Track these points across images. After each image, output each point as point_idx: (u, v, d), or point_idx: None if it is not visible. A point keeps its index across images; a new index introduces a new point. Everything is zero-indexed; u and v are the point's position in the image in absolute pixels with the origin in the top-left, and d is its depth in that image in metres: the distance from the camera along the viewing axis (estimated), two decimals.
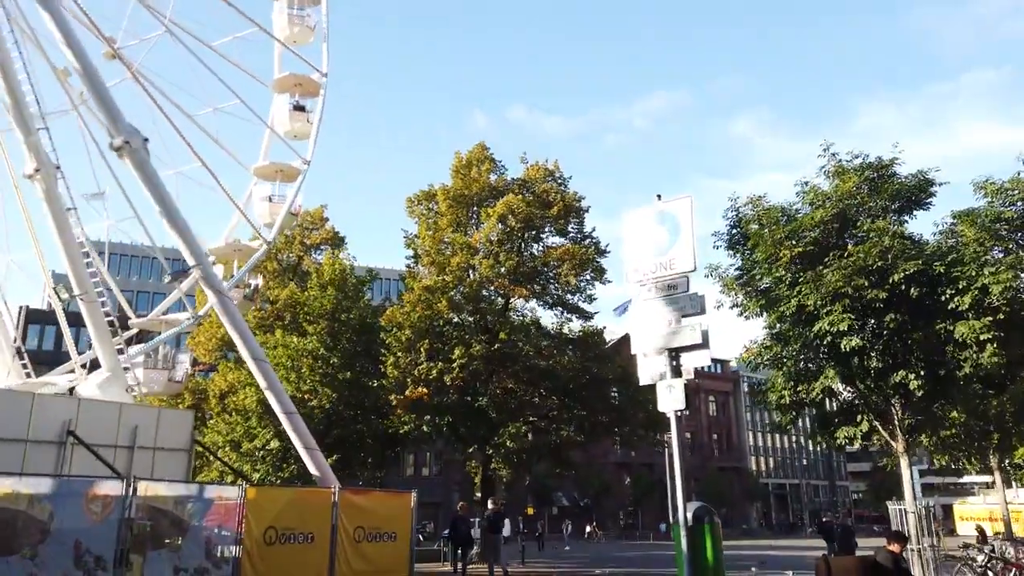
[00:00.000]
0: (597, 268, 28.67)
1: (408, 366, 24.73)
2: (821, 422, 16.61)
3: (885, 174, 14.78)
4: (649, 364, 8.55)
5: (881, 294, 13.80)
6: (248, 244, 25.36)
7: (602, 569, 25.20)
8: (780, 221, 14.95)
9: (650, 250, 8.63)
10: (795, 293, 14.34)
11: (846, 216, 14.57)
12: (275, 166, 26.37)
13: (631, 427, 27.52)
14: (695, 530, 7.81)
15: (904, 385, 13.73)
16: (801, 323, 14.40)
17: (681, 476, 8.10)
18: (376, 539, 17.71)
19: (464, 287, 25.17)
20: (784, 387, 15.65)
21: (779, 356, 15.81)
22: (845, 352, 13.74)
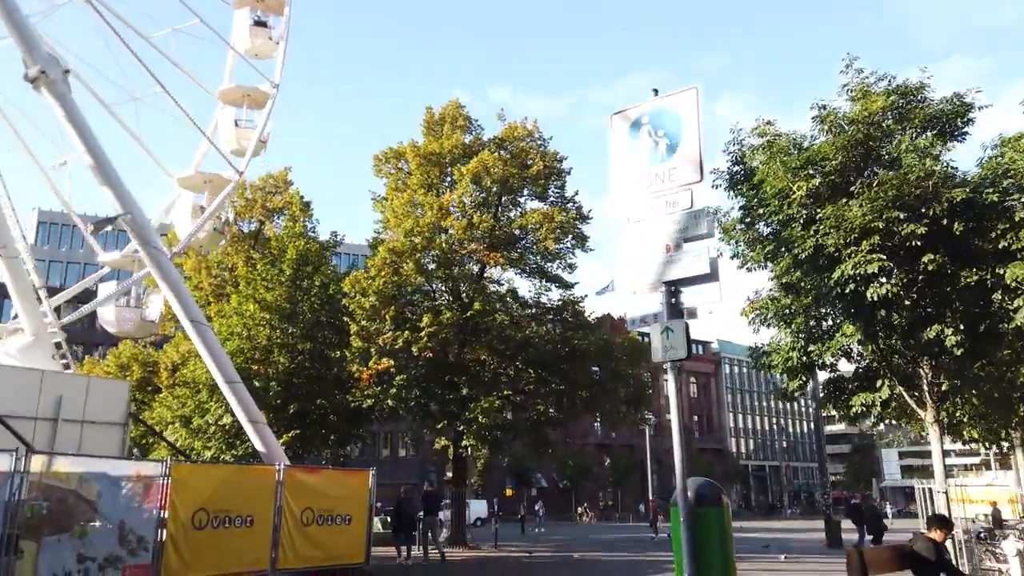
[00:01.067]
0: (579, 235, 26.76)
1: (372, 335, 22.72)
2: (834, 388, 14.63)
3: (914, 99, 12.76)
4: (639, 304, 6.69)
5: (919, 229, 11.52)
6: (219, 174, 23.39)
7: (580, 553, 23.58)
8: (794, 150, 12.86)
9: (643, 159, 6.72)
10: (811, 233, 12.21)
11: (870, 144, 12.50)
12: (241, 89, 24.24)
13: (612, 403, 25.76)
14: (699, 514, 6.00)
15: (938, 342, 11.71)
16: (818, 269, 12.39)
17: (681, 446, 6.30)
18: (328, 522, 15.83)
19: (434, 250, 23.10)
20: (793, 347, 13.64)
21: (788, 310, 13.77)
22: (871, 303, 11.65)
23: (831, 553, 24.67)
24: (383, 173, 26.71)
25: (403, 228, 23.24)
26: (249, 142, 23.47)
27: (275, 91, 24.39)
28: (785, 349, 13.85)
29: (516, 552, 24.24)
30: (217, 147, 23.50)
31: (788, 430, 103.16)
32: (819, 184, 11.99)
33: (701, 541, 5.91)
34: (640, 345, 25.46)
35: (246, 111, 24.87)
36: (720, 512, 6.11)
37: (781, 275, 13.32)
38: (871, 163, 12.37)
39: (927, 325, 11.80)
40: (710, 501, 6.21)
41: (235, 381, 16.89)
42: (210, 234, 24.16)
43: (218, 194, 22.79)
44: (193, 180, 23.99)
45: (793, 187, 11.90)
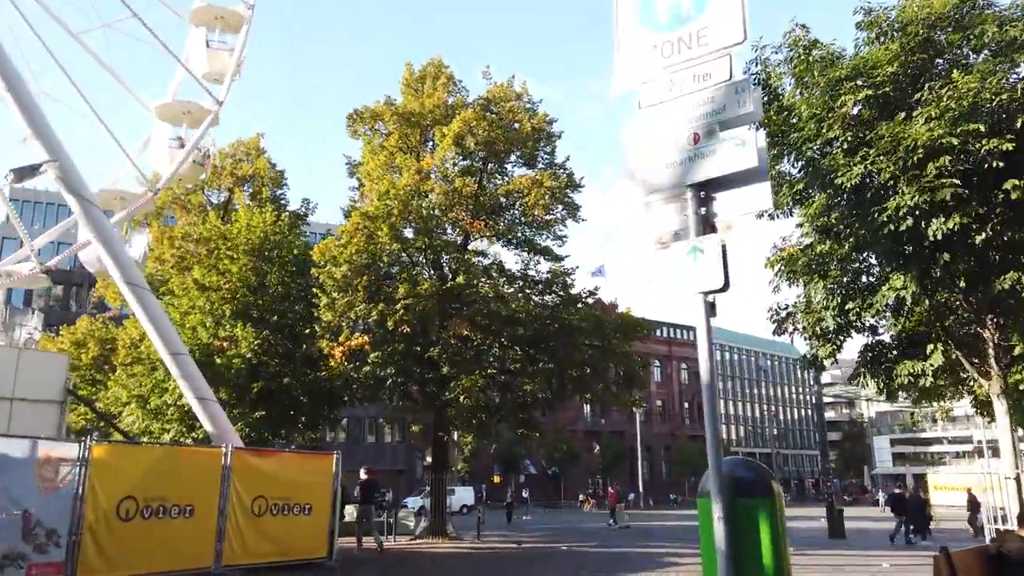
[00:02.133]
0: (570, 204, 24.85)
1: (344, 308, 20.79)
2: (873, 357, 12.28)
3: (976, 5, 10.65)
4: (654, 216, 4.83)
5: (1004, 145, 9.19)
6: (198, 103, 21.43)
7: (569, 544, 21.87)
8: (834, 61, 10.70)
9: (663, 18, 4.86)
10: (858, 160, 9.91)
11: (930, 53, 10.41)
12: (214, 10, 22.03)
13: (604, 384, 23.97)
14: (740, 509, 4.17)
15: (1013, 294, 9.54)
16: (863, 205, 10.22)
17: (711, 415, 4.49)
18: (284, 512, 14.01)
19: (411, 214, 21.10)
20: (826, 305, 11.35)
21: (823, 259, 11.33)
22: (930, 244, 9.55)
23: (838, 545, 23.11)
24: (358, 135, 24.65)
25: (377, 191, 21.24)
26: (224, 65, 21.27)
27: (251, 12, 22.27)
28: (817, 308, 11.68)
29: (500, 543, 22.53)
30: (193, 73, 21.37)
31: (780, 417, 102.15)
32: (870, 97, 9.91)
33: (744, 546, 4.09)
34: (633, 322, 23.69)
35: (219, 33, 22.80)
36: (771, 505, 4.27)
37: (814, 217, 11.08)
38: (931, 76, 10.27)
39: (1001, 273, 9.70)
40: (757, 490, 4.37)
41: (180, 353, 14.98)
42: (191, 166, 22.21)
43: (198, 125, 21.00)
44: (171, 109, 22.00)
45: (836, 105, 9.82)
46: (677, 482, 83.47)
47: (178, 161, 21.07)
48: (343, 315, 20.74)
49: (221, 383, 21.30)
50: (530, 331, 23.07)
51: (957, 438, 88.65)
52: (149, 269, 27.98)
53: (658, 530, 31.37)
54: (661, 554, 19.41)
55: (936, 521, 31.25)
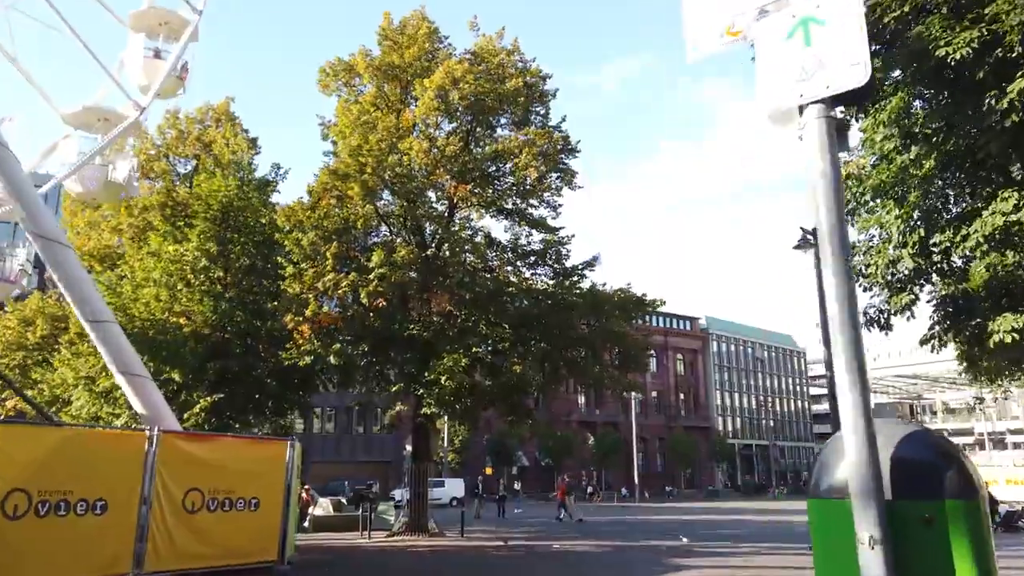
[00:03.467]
0: (565, 170, 22.64)
1: (312, 280, 18.56)
2: (957, 310, 9.67)
3: None
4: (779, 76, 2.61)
5: None
6: (178, 14, 19.49)
7: (562, 542, 19.77)
8: None
9: None
10: (965, 24, 7.17)
11: None
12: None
13: (601, 366, 21.80)
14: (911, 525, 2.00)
15: None
16: (969, 93, 7.46)
17: (850, 329, 2.32)
18: (225, 507, 11.81)
19: (387, 173, 18.79)
20: (905, 241, 8.59)
21: (902, 176, 8.45)
22: None
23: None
24: (330, 90, 22.31)
25: (348, 145, 18.96)
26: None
27: (197, 17, 20.66)
28: (888, 243, 8.90)
29: (486, 540, 20.44)
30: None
31: (776, 409, 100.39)
32: None
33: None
34: (633, 299, 21.51)
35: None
36: (973, 515, 2.13)
37: (895, 117, 8.13)
38: None
39: None
40: (947, 484, 2.20)
41: (102, 320, 12.73)
42: (169, 80, 20.17)
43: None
44: (148, 19, 20.11)
45: None
46: (672, 474, 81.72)
47: (160, 72, 19.05)
48: (311, 288, 18.49)
49: (174, 362, 19.11)
50: (520, 307, 20.93)
51: (958, 430, 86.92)
52: (106, 240, 25.71)
53: (656, 525, 29.37)
54: (664, 551, 17.38)
55: None
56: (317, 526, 23.32)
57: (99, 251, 25.16)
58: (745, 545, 20.02)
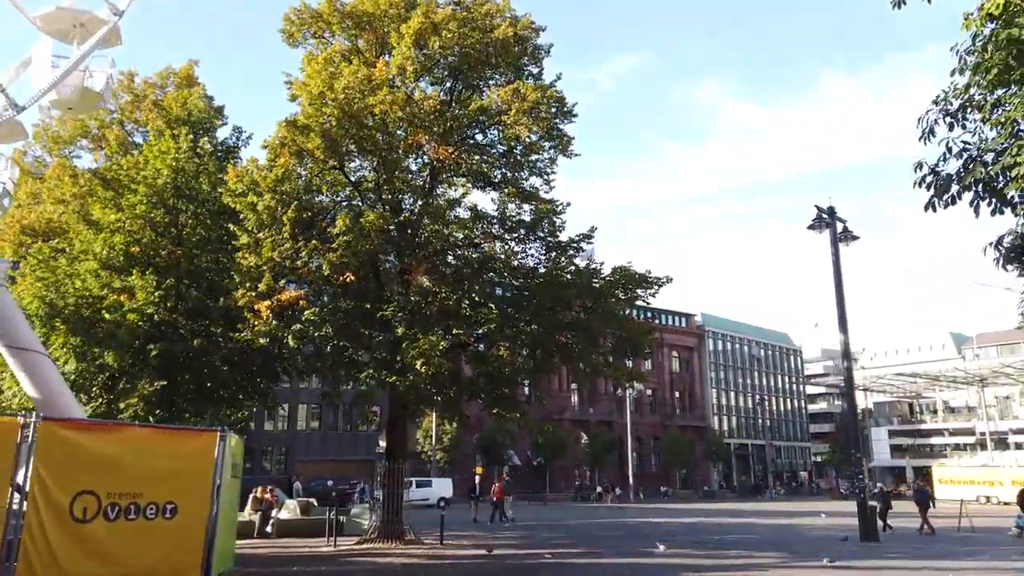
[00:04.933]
0: (560, 136, 20.24)
1: (270, 250, 16.09)
2: None
3: None
4: None
5: None
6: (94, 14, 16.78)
7: (553, 552, 17.35)
8: None
9: None
10: None
11: None
12: None
13: (598, 353, 19.42)
14: None
15: None
16: None
17: None
18: (129, 514, 9.39)
19: (354, 126, 16.29)
20: None
21: None
22: None
23: (883, 554, 18.83)
24: (297, 41, 19.82)
25: (310, 94, 16.49)
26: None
27: None
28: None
29: (468, 548, 18.03)
30: None
31: (772, 408, 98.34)
32: None
33: None
34: (635, 276, 19.13)
35: None
36: None
37: None
38: None
39: None
40: None
41: None
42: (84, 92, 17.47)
43: None
44: (59, 19, 17.36)
45: None
46: (667, 474, 79.53)
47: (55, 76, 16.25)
48: (268, 258, 16.03)
49: (110, 344, 16.64)
50: (507, 284, 18.57)
51: (958, 430, 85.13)
52: (48, 213, 23.15)
53: (656, 528, 27.05)
54: (674, 566, 15.05)
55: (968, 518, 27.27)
56: (281, 531, 20.90)
57: (41, 226, 22.64)
58: (761, 556, 17.72)
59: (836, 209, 25.39)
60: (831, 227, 25.07)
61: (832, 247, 24.69)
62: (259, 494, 21.38)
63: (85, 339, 16.90)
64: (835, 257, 24.62)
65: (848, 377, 24.00)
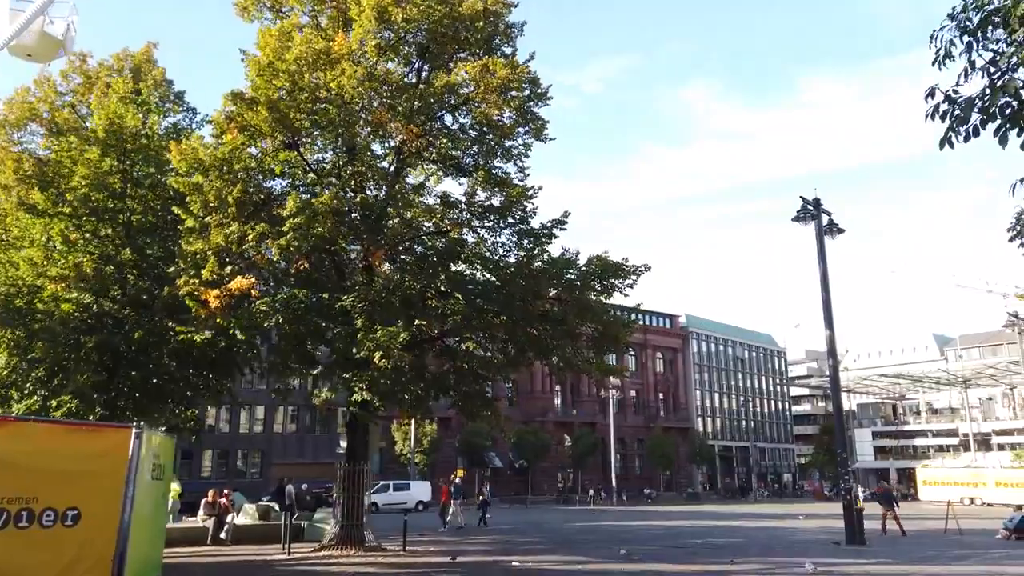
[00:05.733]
0: (534, 120, 19.18)
1: (215, 233, 14.86)
2: None
3: None
4: None
5: None
6: None
7: (521, 559, 16.22)
8: None
9: None
10: None
11: None
12: None
13: (574, 347, 18.36)
14: None
15: None
16: None
17: None
18: (19, 522, 8.17)
19: (307, 99, 15.11)
20: None
21: None
22: None
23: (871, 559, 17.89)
24: (250, 14, 18.58)
25: (258, 63, 15.29)
26: None
27: None
28: None
29: (433, 555, 16.87)
30: None
31: (756, 409, 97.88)
32: None
33: None
34: (613, 266, 18.08)
35: None
36: None
37: None
38: None
39: None
40: None
41: None
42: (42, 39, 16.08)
43: None
44: None
45: None
46: (651, 476, 78.70)
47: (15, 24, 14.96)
48: (215, 245, 14.80)
49: (43, 336, 15.35)
50: (478, 273, 17.48)
51: (941, 431, 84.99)
52: None
53: (642, 532, 26.03)
54: (652, 573, 13.99)
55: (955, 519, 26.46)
56: (237, 537, 19.66)
57: None
58: (743, 562, 16.73)
59: (821, 201, 24.60)
60: (816, 219, 24.24)
61: (817, 239, 23.84)
62: (212, 498, 20.10)
63: (18, 331, 15.60)
64: (820, 249, 23.77)
65: (834, 373, 23.11)
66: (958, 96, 4.92)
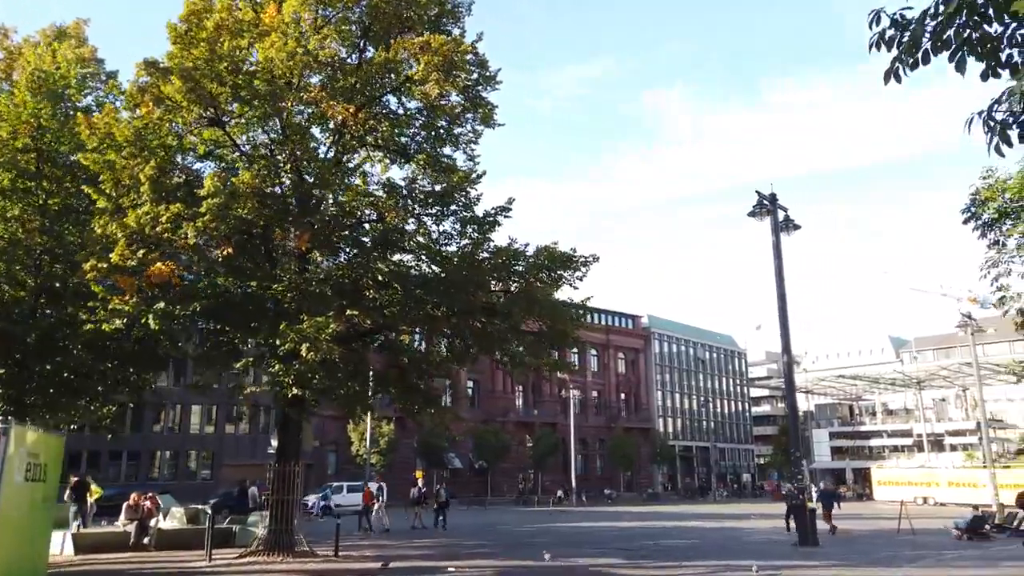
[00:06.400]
0: (483, 105, 18.31)
1: (128, 213, 13.70)
2: None
3: None
4: None
5: None
6: None
7: (458, 565, 15.31)
8: None
9: None
10: None
11: None
12: None
13: (522, 343, 17.54)
14: None
15: None
16: None
17: None
18: None
19: (224, 67, 14.00)
20: None
21: None
22: None
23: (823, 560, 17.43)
24: None
25: (175, 30, 14.13)
26: None
27: None
28: None
29: (362, 562, 15.86)
30: None
31: (716, 410, 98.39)
32: None
33: None
34: (563, 257, 17.30)
35: None
36: None
37: None
38: None
39: None
40: None
41: None
42: None
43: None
44: None
45: None
46: (612, 476, 78.42)
47: None
48: (125, 227, 13.62)
49: None
50: (423, 264, 16.57)
51: (896, 432, 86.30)
52: None
53: (597, 533, 25.34)
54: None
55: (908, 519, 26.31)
56: (163, 542, 18.41)
57: None
58: (689, 564, 16.10)
59: (777, 196, 24.20)
60: (772, 214, 23.83)
61: (773, 235, 23.41)
62: (134, 501, 18.81)
63: None
64: (776, 245, 23.35)
65: (788, 370, 22.68)
66: (906, 20, 4.21)
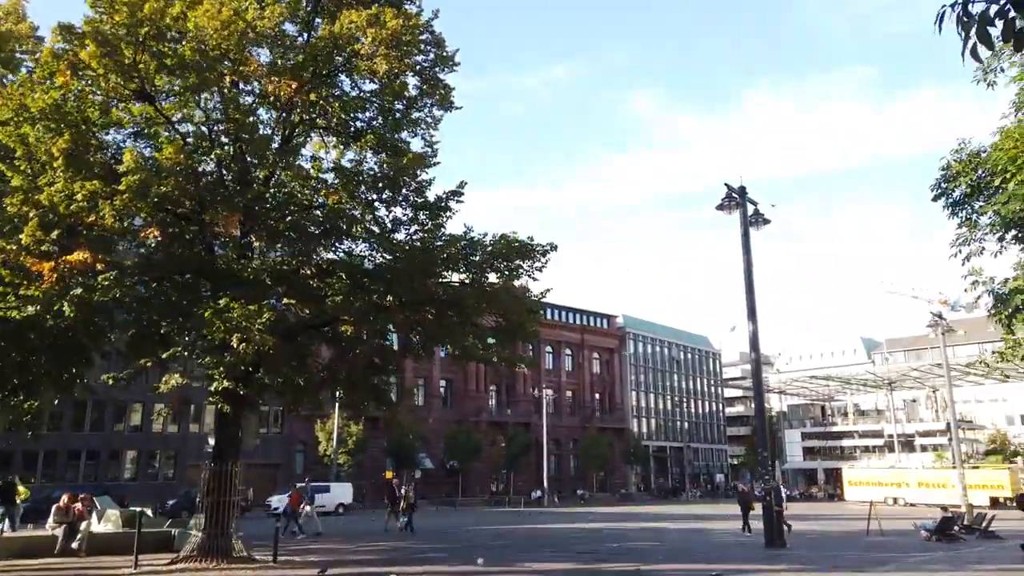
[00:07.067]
0: (441, 88, 17.41)
1: (43, 191, 12.61)
2: None
3: None
4: None
5: None
6: None
7: (402, 570, 14.37)
8: None
9: None
10: None
11: None
12: None
13: (477, 335, 16.67)
14: None
15: None
16: None
17: None
18: None
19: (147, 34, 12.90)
20: None
21: None
22: None
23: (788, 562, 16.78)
24: None
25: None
26: None
27: None
28: None
29: (301, 568, 14.85)
30: None
31: (690, 410, 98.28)
32: None
33: None
34: (520, 246, 16.45)
35: None
36: None
37: None
38: None
39: None
40: None
41: None
42: None
43: None
44: None
45: None
46: (585, 477, 77.83)
47: None
48: (42, 204, 12.52)
49: None
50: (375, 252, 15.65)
51: (867, 432, 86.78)
52: None
53: (564, 535, 24.54)
54: None
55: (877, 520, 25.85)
56: (94, 547, 17.27)
57: None
58: (648, 567, 15.35)
59: (747, 189, 23.58)
60: (741, 208, 23.20)
61: (742, 227, 22.77)
62: (64, 504, 17.62)
63: None
64: (745, 239, 22.71)
65: (756, 367, 22.03)
66: None
